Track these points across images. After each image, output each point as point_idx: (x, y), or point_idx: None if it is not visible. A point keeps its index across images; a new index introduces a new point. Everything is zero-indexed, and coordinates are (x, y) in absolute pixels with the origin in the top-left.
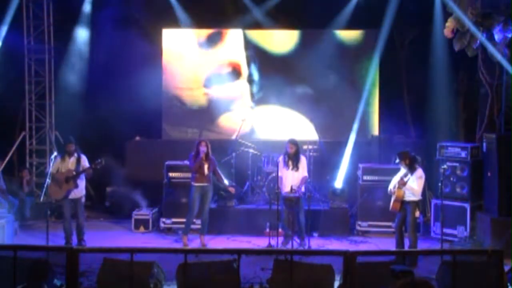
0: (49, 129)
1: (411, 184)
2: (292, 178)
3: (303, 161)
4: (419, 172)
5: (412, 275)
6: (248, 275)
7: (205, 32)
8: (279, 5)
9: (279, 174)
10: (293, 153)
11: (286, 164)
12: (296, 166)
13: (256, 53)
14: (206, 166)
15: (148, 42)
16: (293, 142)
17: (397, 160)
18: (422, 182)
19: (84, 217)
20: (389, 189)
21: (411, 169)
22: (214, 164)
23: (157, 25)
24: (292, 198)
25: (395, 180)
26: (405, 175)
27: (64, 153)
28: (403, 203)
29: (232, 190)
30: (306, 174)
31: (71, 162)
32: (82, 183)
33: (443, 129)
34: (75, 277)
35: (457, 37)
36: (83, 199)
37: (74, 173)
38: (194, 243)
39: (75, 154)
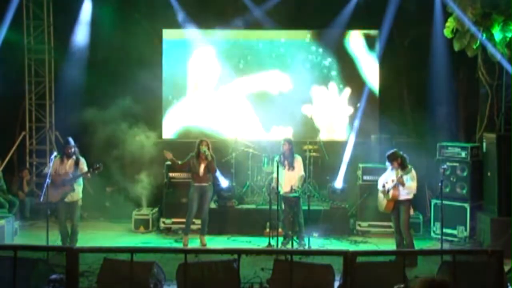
0: (49, 129)
1: (408, 183)
2: (289, 178)
3: (299, 160)
4: (411, 170)
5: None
6: (248, 275)
7: (205, 32)
8: (279, 5)
9: (276, 174)
10: (287, 152)
11: (282, 164)
12: (292, 166)
13: (255, 53)
14: (202, 166)
15: (148, 42)
16: (288, 141)
17: (387, 163)
18: (415, 178)
19: (78, 221)
20: (381, 189)
21: (404, 168)
22: (212, 164)
23: (157, 25)
24: (291, 198)
25: (382, 179)
26: (401, 175)
27: (63, 154)
28: (396, 203)
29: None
30: (302, 172)
31: (69, 164)
32: (79, 186)
33: (443, 129)
34: (75, 277)
35: (457, 37)
36: (80, 203)
37: (70, 176)
38: (194, 243)
39: (74, 157)
